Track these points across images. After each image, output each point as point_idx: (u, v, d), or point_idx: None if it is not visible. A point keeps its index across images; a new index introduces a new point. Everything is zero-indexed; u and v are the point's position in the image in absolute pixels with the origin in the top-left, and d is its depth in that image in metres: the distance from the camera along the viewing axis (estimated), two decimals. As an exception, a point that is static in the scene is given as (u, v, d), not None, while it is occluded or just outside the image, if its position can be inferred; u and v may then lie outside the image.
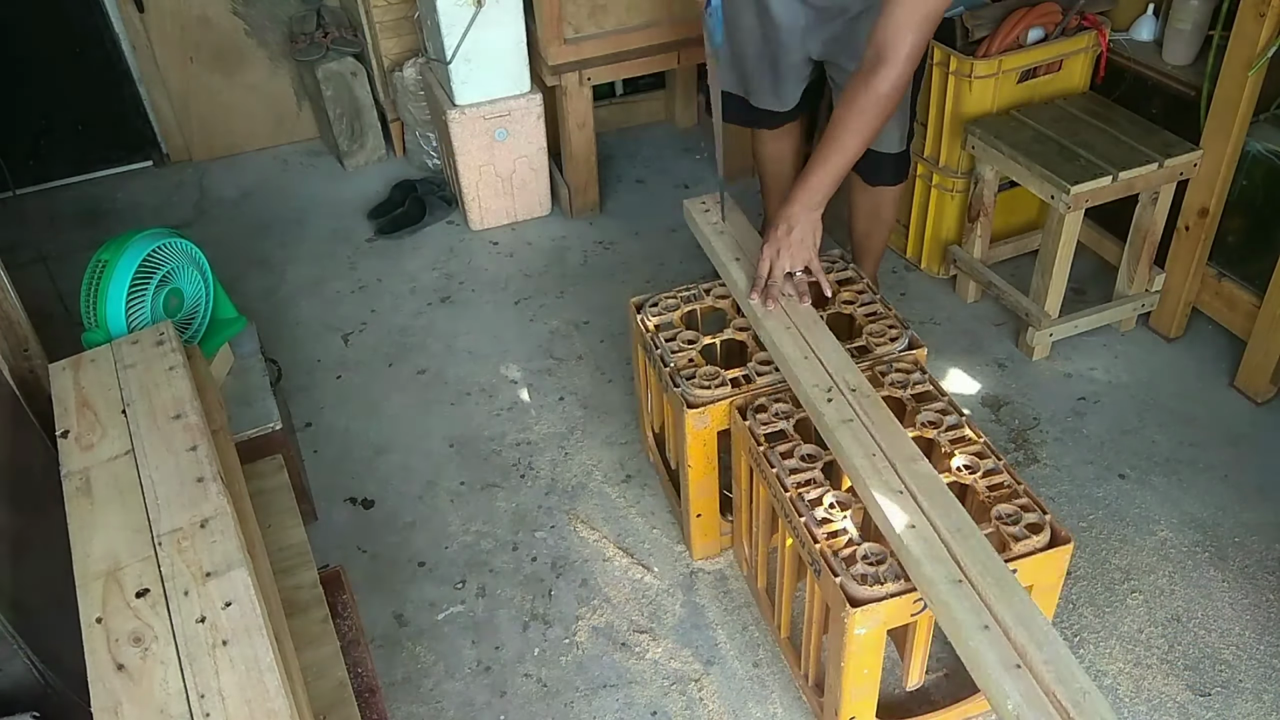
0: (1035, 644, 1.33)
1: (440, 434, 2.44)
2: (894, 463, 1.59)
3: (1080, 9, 2.49)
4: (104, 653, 1.23)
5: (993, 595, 1.39)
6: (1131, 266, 2.50)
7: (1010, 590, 1.40)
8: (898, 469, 1.58)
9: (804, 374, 1.77)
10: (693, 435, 1.86)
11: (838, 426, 1.66)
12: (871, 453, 1.61)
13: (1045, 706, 1.27)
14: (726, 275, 2.06)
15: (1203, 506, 2.15)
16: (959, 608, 1.38)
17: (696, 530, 2.04)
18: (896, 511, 1.52)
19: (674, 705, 1.84)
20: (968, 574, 1.42)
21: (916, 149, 2.68)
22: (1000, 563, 1.44)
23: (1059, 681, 1.29)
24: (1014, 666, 1.31)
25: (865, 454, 1.61)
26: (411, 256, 3.07)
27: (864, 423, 1.66)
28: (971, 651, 1.34)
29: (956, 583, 1.41)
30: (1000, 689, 1.29)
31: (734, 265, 2.04)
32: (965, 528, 1.48)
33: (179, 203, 3.41)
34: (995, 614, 1.37)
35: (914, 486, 1.55)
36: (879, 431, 1.64)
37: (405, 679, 1.92)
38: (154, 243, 1.94)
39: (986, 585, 1.40)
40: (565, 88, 2.94)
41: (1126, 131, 2.41)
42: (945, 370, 2.53)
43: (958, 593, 1.40)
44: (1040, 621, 1.36)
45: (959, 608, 1.38)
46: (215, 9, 3.35)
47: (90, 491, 1.45)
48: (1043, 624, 1.36)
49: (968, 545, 1.46)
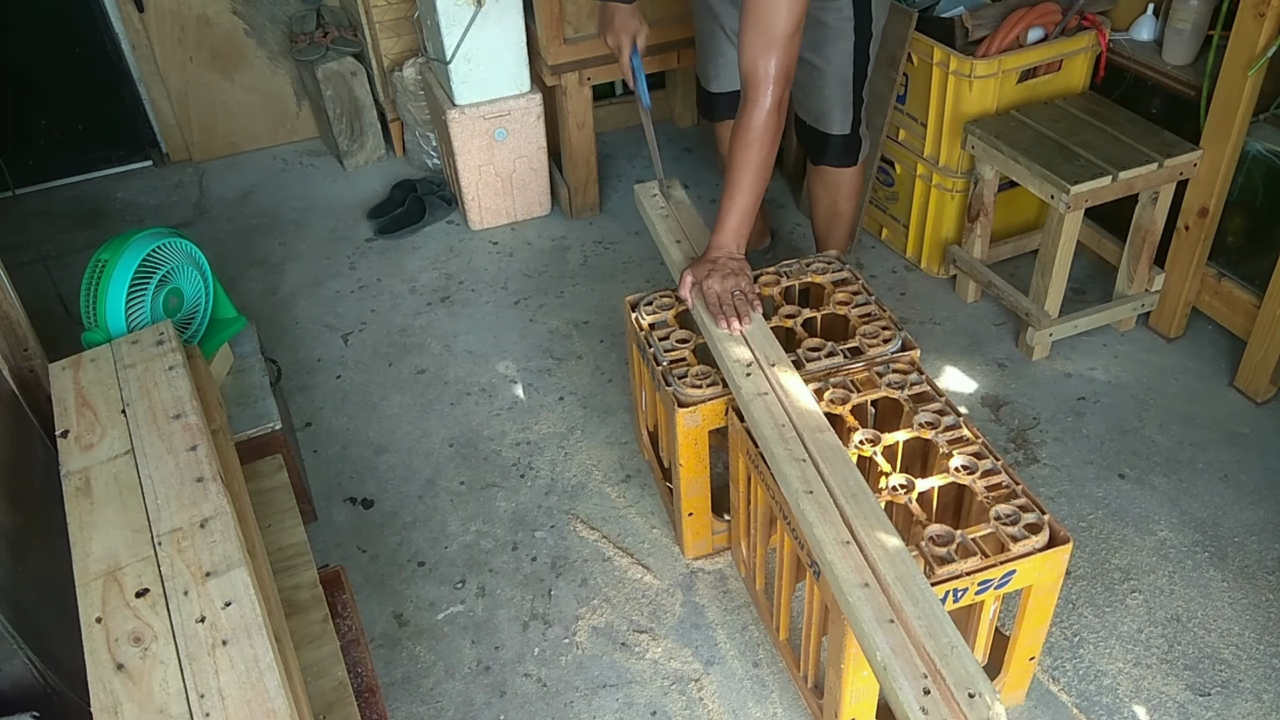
0: (911, 600, 1.38)
1: (440, 434, 2.44)
2: (801, 434, 1.65)
3: (1080, 9, 2.49)
4: (104, 653, 1.23)
5: (877, 555, 1.45)
6: (1131, 266, 2.50)
7: (896, 554, 1.45)
8: (804, 439, 1.64)
9: (728, 350, 1.85)
10: (684, 434, 1.86)
11: (752, 399, 1.73)
12: (781, 424, 1.68)
13: (913, 659, 1.32)
14: (668, 256, 2.13)
15: (1203, 506, 2.15)
16: (841, 566, 1.44)
17: (689, 529, 2.04)
18: (795, 478, 1.58)
19: (674, 705, 1.84)
20: (856, 536, 1.48)
21: (916, 148, 2.69)
22: (889, 525, 1.50)
23: (929, 636, 1.34)
24: (888, 621, 1.37)
25: (775, 425, 1.68)
26: (411, 256, 3.07)
27: (778, 396, 1.73)
28: (850, 608, 1.40)
29: (844, 544, 1.47)
30: (871, 642, 1.35)
31: (675, 247, 2.12)
32: (860, 494, 1.55)
33: (179, 203, 3.41)
34: (877, 573, 1.43)
35: (817, 456, 1.61)
36: (791, 405, 1.71)
37: (405, 679, 1.92)
38: (154, 243, 1.94)
39: (872, 546, 1.46)
40: (565, 88, 2.94)
41: (1126, 131, 2.41)
42: (945, 370, 2.53)
43: (843, 553, 1.46)
44: (919, 581, 1.41)
45: (841, 566, 1.44)
46: (215, 9, 3.35)
47: (90, 491, 1.45)
48: (921, 584, 1.41)
49: (860, 509, 1.52)
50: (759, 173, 1.92)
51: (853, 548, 1.47)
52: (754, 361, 1.81)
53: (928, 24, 2.52)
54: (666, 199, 2.28)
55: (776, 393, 1.74)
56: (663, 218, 2.22)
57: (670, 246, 2.13)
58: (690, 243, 2.13)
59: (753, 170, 1.91)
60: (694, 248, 2.11)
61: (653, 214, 2.23)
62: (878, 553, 1.45)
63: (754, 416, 1.71)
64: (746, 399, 1.74)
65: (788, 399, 1.72)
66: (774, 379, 1.77)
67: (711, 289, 1.92)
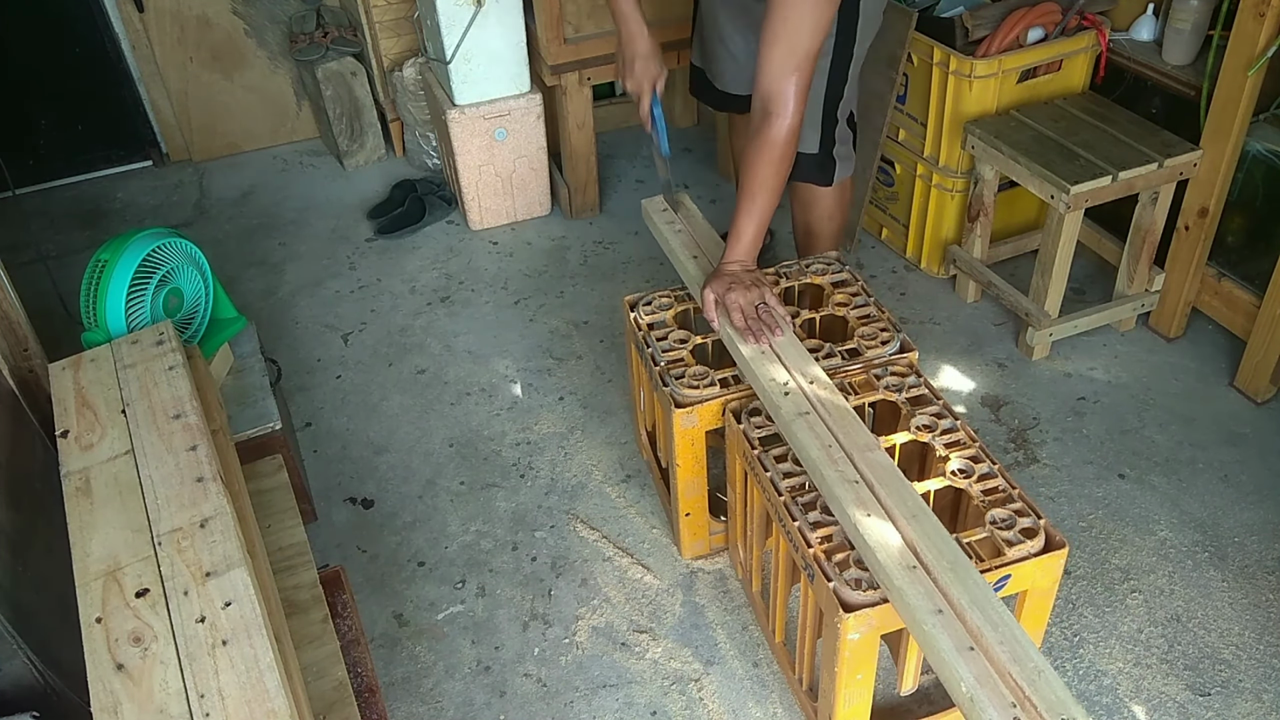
0: (990, 625, 1.34)
1: (440, 434, 2.44)
2: (850, 453, 1.60)
3: (1080, 9, 2.49)
4: (104, 653, 1.23)
5: (948, 579, 1.40)
6: (1131, 266, 2.50)
7: (965, 573, 1.40)
8: (854, 459, 1.59)
9: (761, 370, 1.78)
10: (680, 435, 1.86)
11: (794, 420, 1.68)
12: (828, 444, 1.62)
13: (999, 687, 1.28)
14: (684, 272, 2.08)
15: (1202, 506, 2.15)
16: (912, 593, 1.39)
17: (686, 529, 2.04)
18: (851, 500, 1.53)
19: (674, 705, 1.84)
20: (922, 559, 1.43)
21: (916, 148, 2.69)
22: (955, 546, 1.44)
23: (1014, 661, 1.30)
24: (968, 649, 1.32)
25: (821, 445, 1.62)
26: (411, 256, 3.07)
27: (820, 415, 1.68)
28: (926, 637, 1.35)
29: (910, 569, 1.42)
30: (954, 672, 1.30)
31: (691, 263, 2.07)
32: (920, 513, 1.49)
33: (179, 203, 3.41)
34: (949, 598, 1.38)
35: (870, 476, 1.56)
36: (836, 423, 1.66)
37: (405, 679, 1.92)
38: (154, 242, 1.94)
39: (941, 569, 1.41)
40: (565, 88, 2.94)
41: (1126, 131, 2.41)
42: (945, 370, 2.53)
43: (911, 578, 1.41)
44: (994, 604, 1.36)
45: (912, 593, 1.39)
46: (215, 9, 3.35)
47: (90, 491, 1.45)
48: (997, 606, 1.36)
49: (922, 530, 1.47)
50: (776, 190, 1.90)
51: (920, 572, 1.41)
52: (789, 380, 1.75)
53: (927, 24, 2.52)
54: (675, 211, 2.24)
55: (818, 411, 1.68)
56: (675, 232, 2.17)
57: (687, 262, 2.07)
58: (706, 257, 2.08)
59: (771, 188, 1.89)
60: (710, 261, 2.05)
61: (665, 230, 2.19)
62: (947, 577, 1.39)
63: (798, 439, 1.64)
64: (787, 420, 1.68)
65: (830, 417, 1.67)
66: (814, 397, 1.71)
67: (736, 304, 1.87)
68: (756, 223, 1.92)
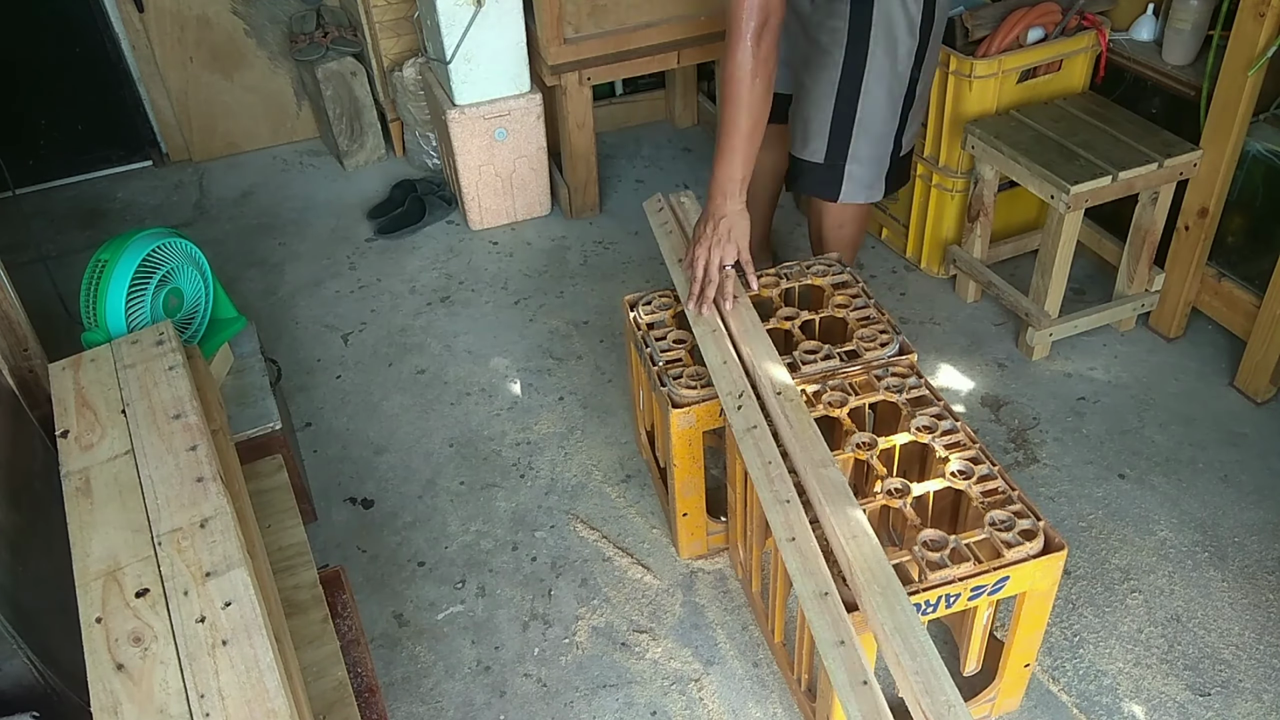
0: (909, 654, 1.34)
1: (440, 434, 2.44)
2: (802, 468, 1.59)
3: (1080, 9, 2.49)
4: (104, 653, 1.23)
5: (875, 604, 1.39)
6: (1131, 266, 2.50)
7: (894, 599, 1.40)
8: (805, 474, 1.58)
9: (720, 380, 1.78)
10: (678, 435, 1.86)
11: (742, 435, 1.67)
12: (768, 460, 1.62)
13: None
14: (674, 273, 2.09)
15: (1202, 506, 2.15)
16: (819, 624, 1.39)
17: (683, 530, 2.04)
18: (779, 522, 1.53)
19: (674, 705, 1.84)
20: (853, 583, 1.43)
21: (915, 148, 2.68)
22: (889, 570, 1.43)
23: (925, 693, 1.30)
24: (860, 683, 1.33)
25: (762, 463, 1.62)
26: (411, 256, 3.07)
27: (778, 426, 1.67)
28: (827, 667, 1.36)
29: (822, 596, 1.42)
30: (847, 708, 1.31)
31: (678, 267, 2.08)
32: (860, 535, 1.49)
33: (179, 203, 3.41)
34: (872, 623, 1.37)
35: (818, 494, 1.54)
36: (795, 436, 1.64)
37: (405, 679, 1.92)
38: (154, 242, 1.94)
39: (871, 594, 1.40)
40: (565, 88, 2.94)
41: (1126, 131, 2.41)
42: (945, 370, 2.53)
43: (820, 607, 1.41)
44: (918, 633, 1.36)
45: (819, 624, 1.39)
46: (215, 9, 3.35)
47: (90, 491, 1.45)
48: (920, 635, 1.36)
49: (860, 552, 1.46)
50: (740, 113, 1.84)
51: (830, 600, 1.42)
52: (745, 391, 1.74)
53: (928, 24, 2.52)
54: (674, 211, 2.23)
55: (775, 422, 1.67)
56: (666, 234, 2.17)
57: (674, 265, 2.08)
58: None
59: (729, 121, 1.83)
60: None
61: (656, 230, 2.20)
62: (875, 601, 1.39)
63: (741, 452, 1.66)
64: (738, 436, 1.69)
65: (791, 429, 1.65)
66: (773, 408, 1.70)
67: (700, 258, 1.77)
68: (729, 150, 1.87)
